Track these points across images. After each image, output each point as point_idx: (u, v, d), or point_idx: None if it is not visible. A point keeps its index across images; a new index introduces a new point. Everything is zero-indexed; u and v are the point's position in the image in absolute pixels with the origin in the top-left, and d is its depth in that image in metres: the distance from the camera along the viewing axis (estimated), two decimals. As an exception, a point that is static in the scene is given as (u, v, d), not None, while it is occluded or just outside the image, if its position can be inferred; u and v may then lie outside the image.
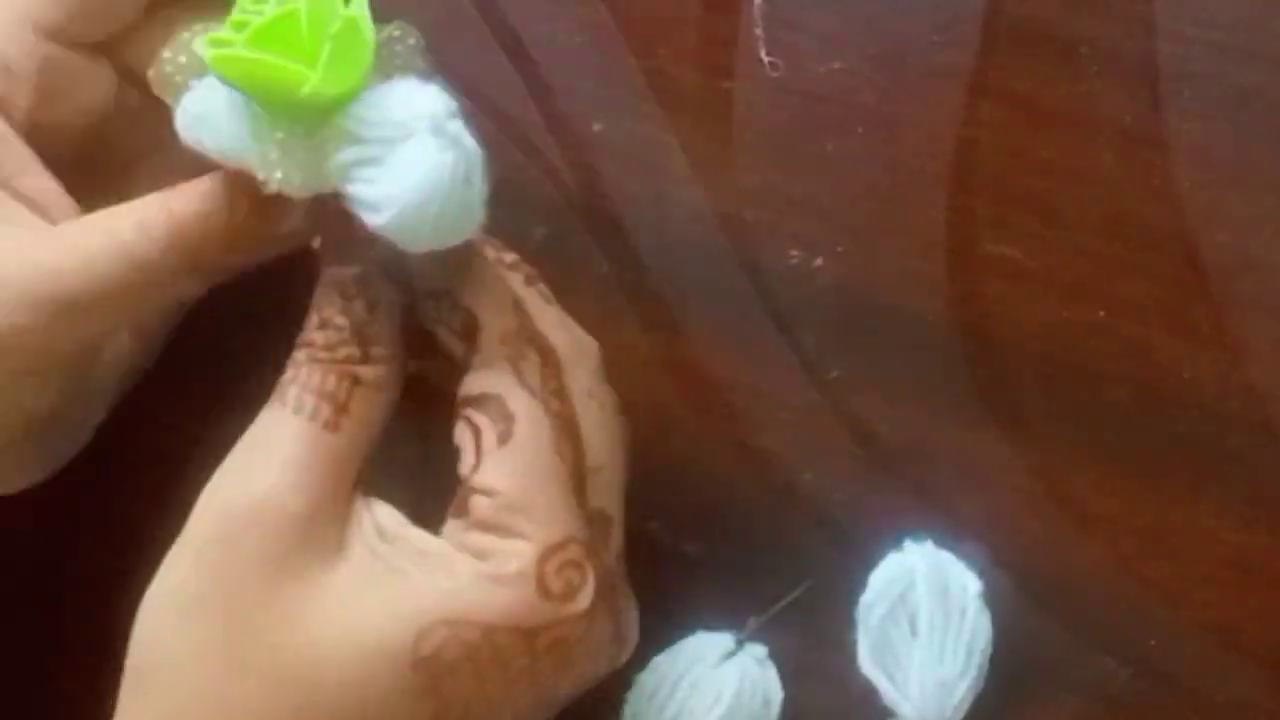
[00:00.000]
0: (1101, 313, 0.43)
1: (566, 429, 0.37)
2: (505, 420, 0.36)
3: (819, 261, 0.44)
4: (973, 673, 0.40)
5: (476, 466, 0.36)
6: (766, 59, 0.45)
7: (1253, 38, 0.43)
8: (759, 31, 0.45)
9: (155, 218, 0.37)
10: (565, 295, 0.43)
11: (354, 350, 0.37)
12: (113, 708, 0.35)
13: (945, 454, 0.43)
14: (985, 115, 0.44)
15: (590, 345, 0.39)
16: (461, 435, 0.37)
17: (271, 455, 0.36)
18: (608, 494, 0.38)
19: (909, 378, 0.43)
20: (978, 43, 0.44)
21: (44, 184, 0.39)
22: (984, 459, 0.43)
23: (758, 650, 0.41)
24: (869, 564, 0.41)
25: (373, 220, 0.35)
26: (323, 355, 0.37)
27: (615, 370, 0.41)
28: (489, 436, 0.36)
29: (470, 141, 0.35)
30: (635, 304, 0.45)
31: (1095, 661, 0.41)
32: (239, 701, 0.35)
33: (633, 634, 0.38)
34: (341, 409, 0.36)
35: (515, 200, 0.46)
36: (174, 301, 0.41)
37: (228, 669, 0.35)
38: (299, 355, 0.37)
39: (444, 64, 0.46)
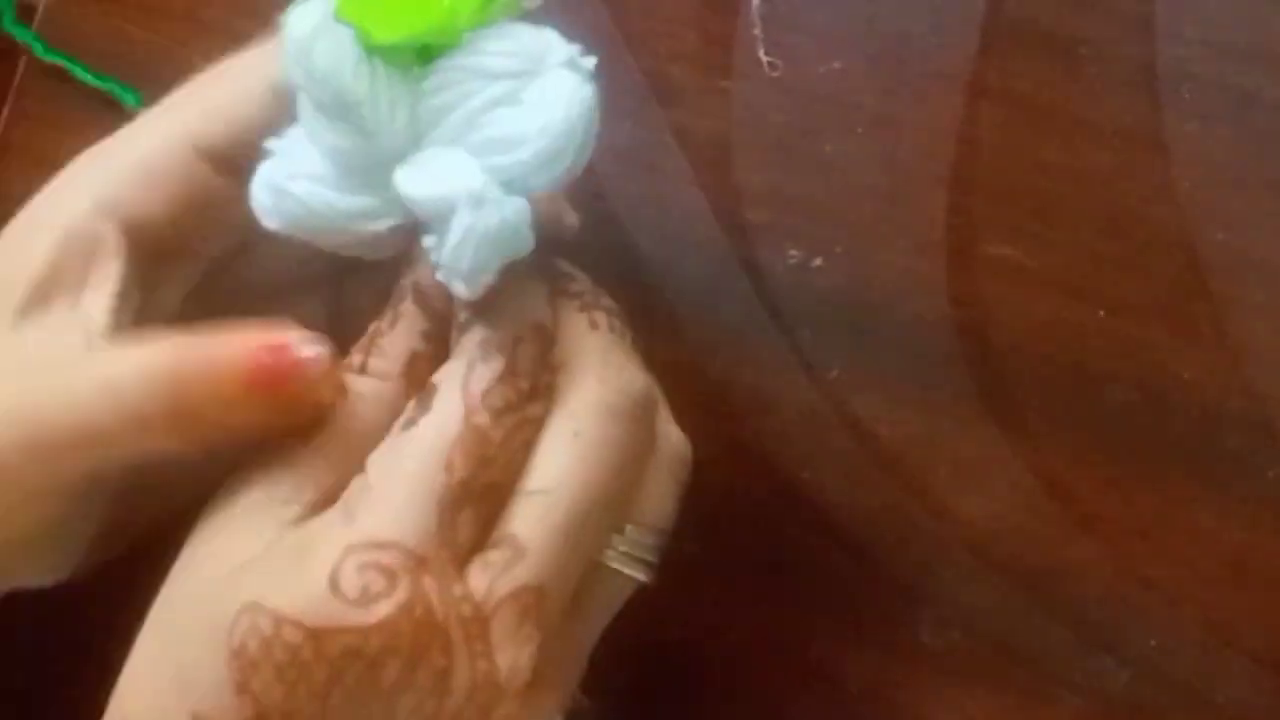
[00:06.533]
0: (1101, 313, 0.43)
1: (477, 443, 0.33)
2: (424, 410, 0.34)
3: (819, 261, 0.44)
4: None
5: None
6: (766, 59, 0.45)
7: (1253, 38, 0.43)
8: (759, 31, 0.45)
9: (158, 368, 0.34)
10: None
11: (360, 358, 0.36)
12: None
13: (945, 454, 0.43)
14: (985, 115, 0.44)
15: (632, 392, 0.35)
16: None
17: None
18: (537, 525, 0.34)
19: (909, 378, 0.43)
20: (978, 43, 0.44)
21: (108, 303, 0.36)
22: (984, 459, 0.43)
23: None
24: (869, 564, 0.41)
25: (506, 159, 0.34)
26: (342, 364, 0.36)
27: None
28: (401, 421, 0.34)
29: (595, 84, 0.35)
30: (635, 304, 0.45)
31: (1095, 661, 0.41)
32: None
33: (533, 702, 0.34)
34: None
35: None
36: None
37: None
38: None
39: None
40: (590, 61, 0.35)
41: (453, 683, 0.33)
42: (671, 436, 0.37)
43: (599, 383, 0.35)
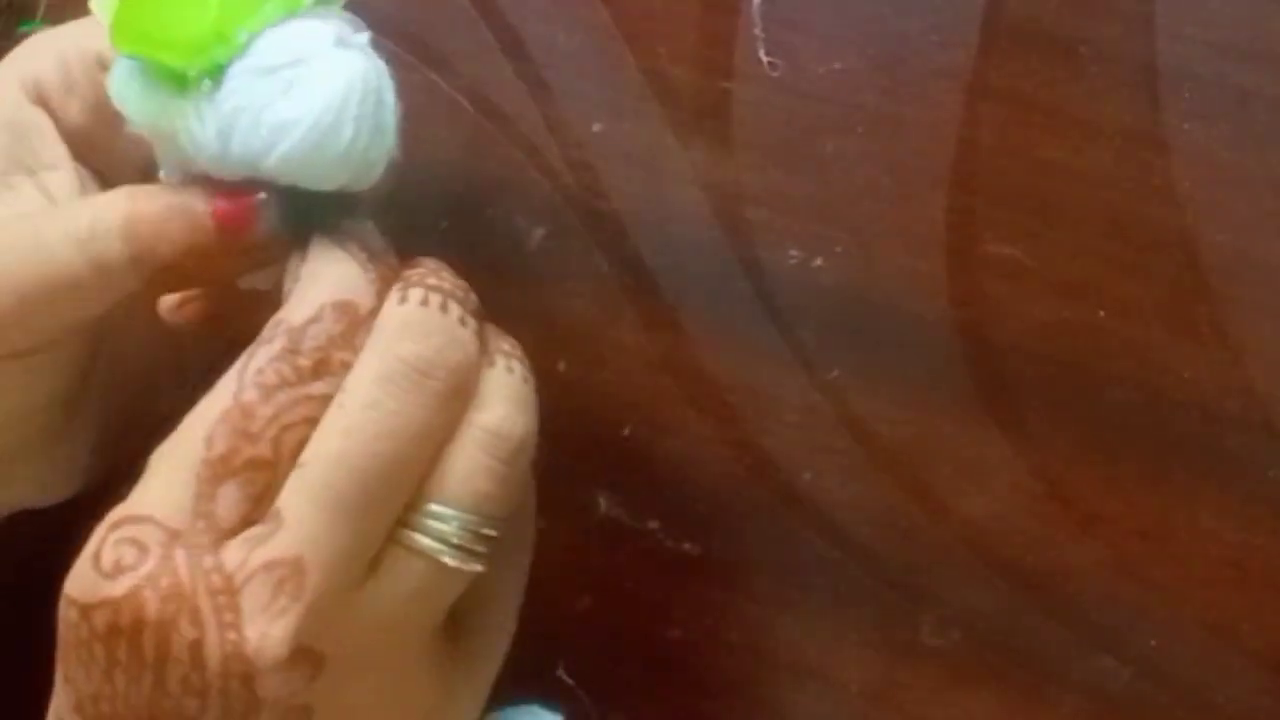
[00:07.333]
0: (1101, 313, 0.43)
1: (241, 418, 0.34)
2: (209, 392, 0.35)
3: (819, 261, 0.44)
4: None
5: None
6: (766, 59, 0.45)
7: (1253, 38, 0.43)
8: (759, 31, 0.45)
9: (113, 215, 0.36)
10: (565, 295, 0.43)
11: None
12: None
13: (945, 454, 0.43)
14: (985, 115, 0.44)
15: (413, 358, 0.35)
16: None
17: None
18: (295, 497, 0.34)
19: (909, 378, 0.43)
20: (978, 43, 0.44)
21: (68, 177, 0.39)
22: (984, 459, 0.43)
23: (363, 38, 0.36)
24: (869, 564, 0.41)
25: (283, 147, 0.34)
26: None
27: (615, 370, 0.41)
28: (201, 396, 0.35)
29: (377, 58, 0.35)
30: (635, 304, 0.45)
31: (1095, 661, 0.41)
32: None
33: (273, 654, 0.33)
34: None
35: (515, 200, 0.46)
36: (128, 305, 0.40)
37: None
38: None
39: (444, 64, 0.47)
40: (362, 37, 0.35)
41: (205, 654, 0.33)
42: (493, 411, 0.36)
43: (377, 351, 0.35)
